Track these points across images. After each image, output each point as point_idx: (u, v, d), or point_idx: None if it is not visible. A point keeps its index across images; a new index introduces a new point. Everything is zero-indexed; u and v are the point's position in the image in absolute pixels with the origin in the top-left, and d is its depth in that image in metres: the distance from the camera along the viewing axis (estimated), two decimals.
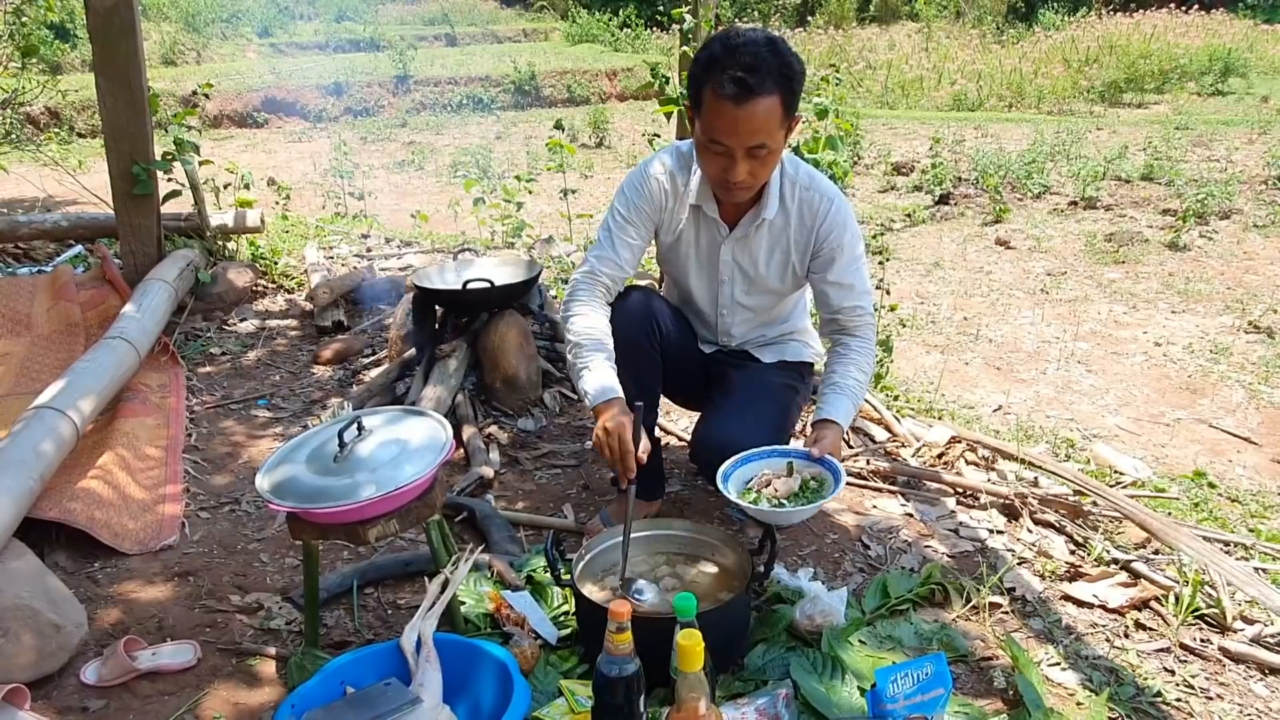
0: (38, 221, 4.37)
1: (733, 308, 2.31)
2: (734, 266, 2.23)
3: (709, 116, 1.91)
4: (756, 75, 1.83)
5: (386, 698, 1.58)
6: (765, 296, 2.28)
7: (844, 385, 2.11)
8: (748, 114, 1.85)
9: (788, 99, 1.89)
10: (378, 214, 6.12)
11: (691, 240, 2.24)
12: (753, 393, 2.25)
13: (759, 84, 1.83)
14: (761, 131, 1.88)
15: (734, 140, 1.90)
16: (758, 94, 1.84)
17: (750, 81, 1.83)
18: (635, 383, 2.25)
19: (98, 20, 3.45)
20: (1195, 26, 13.77)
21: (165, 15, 14.15)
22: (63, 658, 1.86)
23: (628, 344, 2.20)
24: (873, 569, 2.21)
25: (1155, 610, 2.04)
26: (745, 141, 1.89)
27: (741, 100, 1.84)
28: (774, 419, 2.23)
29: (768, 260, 2.20)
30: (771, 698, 1.67)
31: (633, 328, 2.21)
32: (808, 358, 2.43)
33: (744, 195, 2.05)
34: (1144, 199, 6.72)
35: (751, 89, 1.83)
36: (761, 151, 1.92)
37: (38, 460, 2.19)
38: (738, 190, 2.01)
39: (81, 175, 5.54)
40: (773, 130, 1.89)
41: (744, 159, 1.92)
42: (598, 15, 16.74)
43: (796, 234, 2.15)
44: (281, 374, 3.42)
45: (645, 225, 2.21)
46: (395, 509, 1.73)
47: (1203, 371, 3.88)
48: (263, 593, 2.15)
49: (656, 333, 2.22)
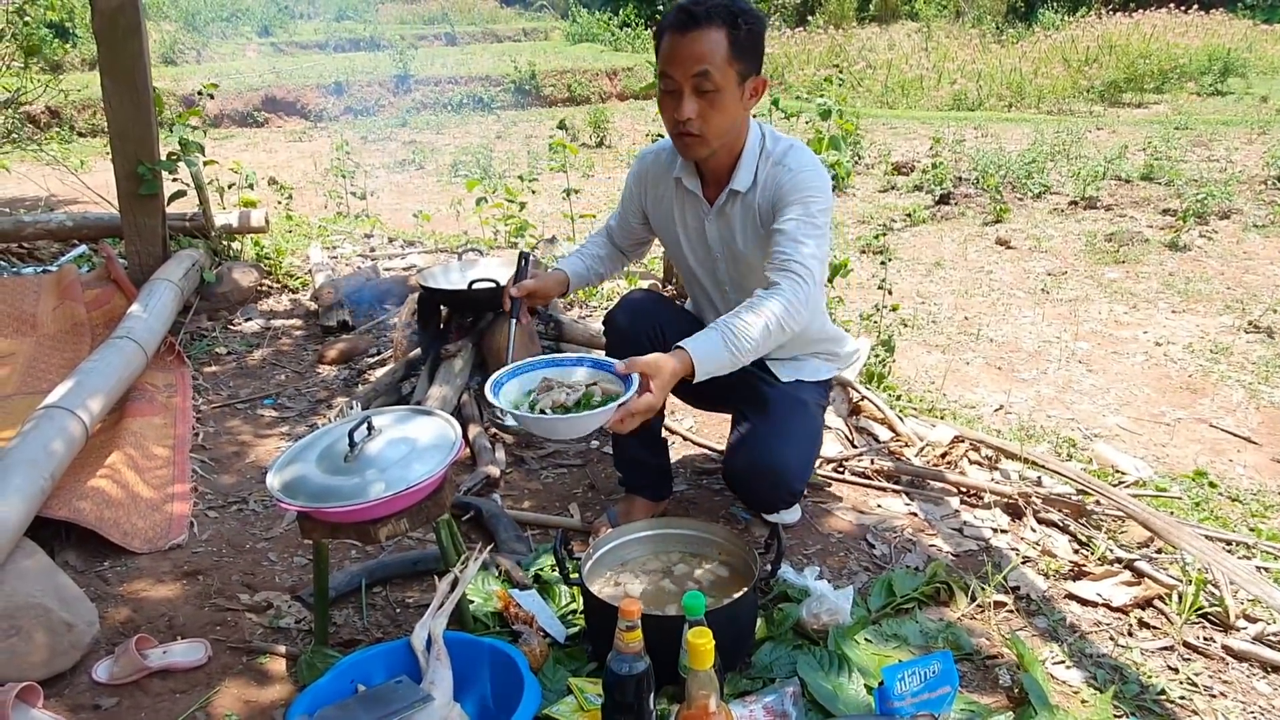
0: (42, 221, 4.38)
1: (733, 288, 2.26)
2: (720, 241, 2.21)
3: (662, 58, 1.96)
4: (701, 6, 1.90)
5: (398, 695, 1.59)
6: (756, 274, 2.17)
7: (721, 324, 1.89)
8: (690, 41, 1.90)
9: (735, 36, 1.91)
10: (379, 213, 6.13)
11: (679, 218, 2.25)
12: (783, 410, 2.21)
13: (703, 15, 1.90)
14: (703, 59, 1.90)
15: (677, 70, 1.93)
16: (701, 23, 1.90)
17: (694, 11, 1.90)
18: None
19: (103, 21, 3.46)
20: (1194, 26, 13.79)
21: (165, 14, 14.16)
22: (75, 656, 1.87)
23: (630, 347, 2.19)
24: (878, 568, 2.23)
25: (1158, 609, 2.06)
26: (689, 69, 1.91)
27: (684, 28, 1.91)
28: (810, 436, 2.24)
29: (744, 235, 2.16)
30: (779, 695, 1.68)
31: (634, 330, 2.24)
32: (825, 375, 2.37)
33: (699, 146, 2.01)
34: (1144, 199, 6.74)
35: (695, 17, 1.90)
36: (707, 85, 1.92)
37: (48, 459, 2.20)
38: (690, 136, 1.99)
39: (83, 174, 5.55)
40: (717, 62, 1.90)
41: (691, 96, 1.93)
42: (598, 14, 16.75)
43: (762, 208, 2.11)
44: (287, 373, 3.43)
45: (634, 206, 2.33)
46: (405, 508, 1.74)
47: (1203, 371, 3.90)
48: (272, 591, 2.16)
49: (659, 336, 2.23)
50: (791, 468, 2.14)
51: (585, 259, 2.39)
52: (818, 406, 2.33)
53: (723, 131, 2.01)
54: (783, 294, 1.90)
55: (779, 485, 2.17)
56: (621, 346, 2.24)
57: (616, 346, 2.27)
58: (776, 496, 2.23)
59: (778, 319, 1.88)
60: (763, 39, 2.00)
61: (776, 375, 2.33)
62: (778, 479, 2.14)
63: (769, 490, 2.18)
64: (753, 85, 1.99)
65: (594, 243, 2.44)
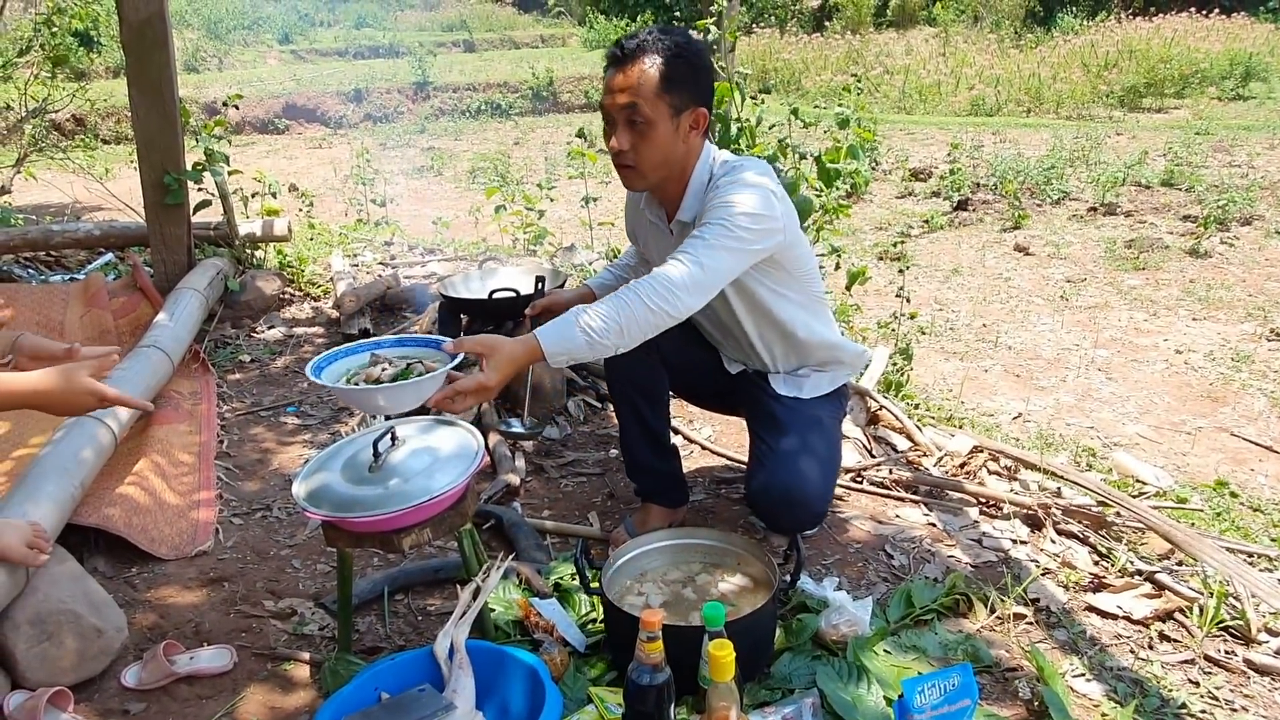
0: (70, 230, 4.44)
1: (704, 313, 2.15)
2: None
3: (602, 95, 2.02)
4: (633, 41, 1.95)
5: (421, 704, 1.61)
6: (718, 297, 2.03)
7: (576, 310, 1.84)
8: (622, 74, 1.94)
9: (670, 72, 1.92)
10: (399, 220, 6.18)
11: (654, 246, 2.28)
12: (799, 431, 2.17)
13: (634, 49, 1.94)
14: (632, 92, 1.92)
15: (610, 102, 1.97)
16: (632, 57, 1.93)
17: (626, 45, 1.95)
18: (638, 392, 2.31)
19: (131, 33, 3.51)
20: (1216, 30, 13.68)
21: (188, 22, 14.33)
22: (104, 661, 1.90)
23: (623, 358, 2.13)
24: (896, 578, 2.23)
25: (1179, 622, 2.05)
26: (619, 101, 1.94)
27: (617, 63, 1.95)
28: (828, 455, 2.20)
29: None
30: (798, 706, 1.69)
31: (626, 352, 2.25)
32: (827, 388, 2.29)
33: (635, 179, 2.04)
34: (1164, 205, 6.69)
35: (626, 51, 1.94)
36: (637, 118, 1.93)
37: (79, 467, 2.24)
38: (627, 172, 2.03)
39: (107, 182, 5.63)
40: (647, 95, 1.92)
41: (623, 127, 1.96)
42: (615, 21, 16.81)
43: None
44: (309, 381, 3.46)
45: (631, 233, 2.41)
46: (429, 518, 1.76)
47: (1224, 379, 3.87)
48: (295, 598, 2.19)
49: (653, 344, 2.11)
50: (811, 492, 2.11)
51: (616, 271, 2.45)
52: (833, 420, 2.30)
53: (656, 164, 2.00)
54: (652, 279, 1.85)
55: (801, 510, 2.14)
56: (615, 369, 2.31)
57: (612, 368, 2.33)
58: (800, 521, 2.19)
59: (641, 302, 1.82)
60: (702, 70, 1.99)
61: (776, 390, 2.27)
62: (799, 504, 2.11)
63: (792, 516, 2.14)
64: (691, 118, 1.99)
65: (626, 254, 2.50)
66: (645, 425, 2.34)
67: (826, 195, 3.47)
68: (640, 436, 2.35)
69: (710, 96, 2.04)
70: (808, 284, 2.20)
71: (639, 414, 2.32)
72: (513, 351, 1.80)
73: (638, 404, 2.31)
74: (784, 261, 2.09)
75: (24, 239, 4.32)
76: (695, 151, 2.06)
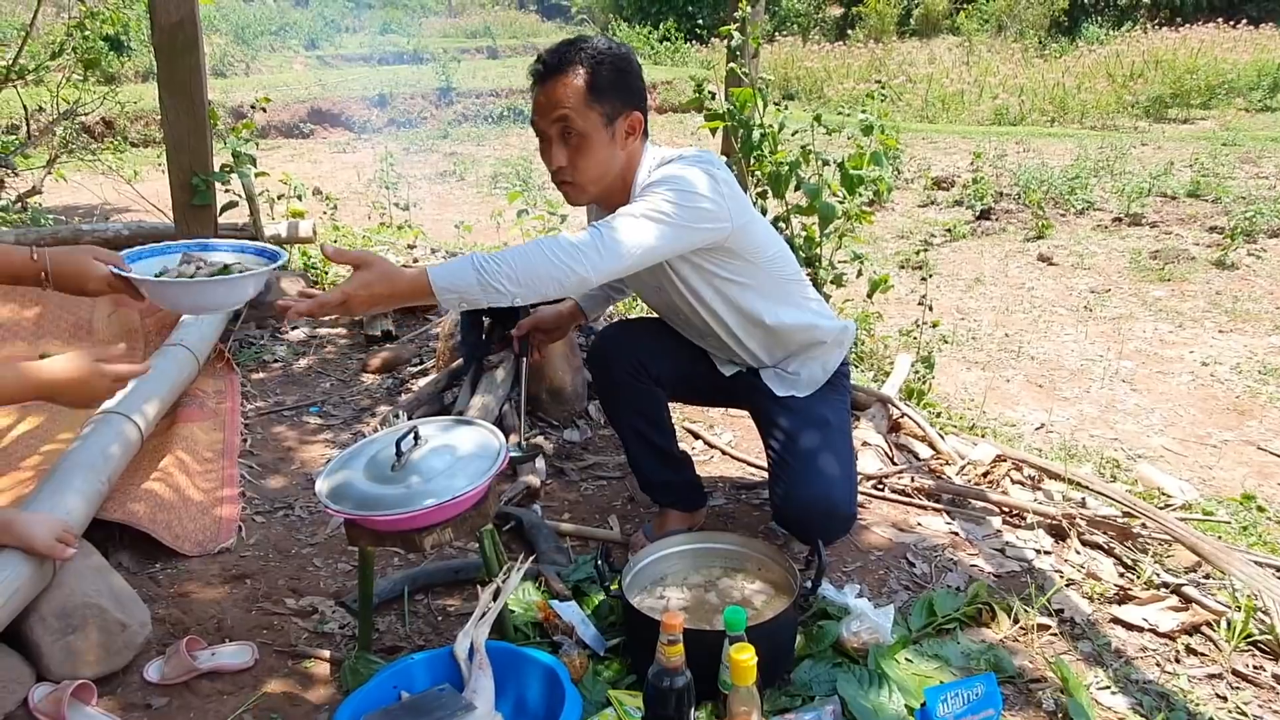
0: (99, 230, 4.50)
1: (672, 311, 2.20)
2: (637, 277, 2.06)
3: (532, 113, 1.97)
4: (555, 55, 1.91)
5: (441, 704, 1.62)
6: (673, 290, 2.09)
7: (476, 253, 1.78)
8: (548, 90, 1.90)
9: (595, 79, 1.88)
10: (422, 224, 6.21)
11: None
12: (810, 438, 2.15)
13: (555, 63, 1.90)
14: (561, 104, 1.88)
15: (541, 119, 1.93)
16: (555, 71, 1.89)
17: (548, 60, 1.91)
18: (639, 416, 2.30)
19: (163, 36, 3.56)
20: (1244, 41, 13.54)
21: (216, 28, 14.51)
22: (128, 655, 1.92)
23: (615, 384, 2.25)
24: (919, 587, 2.22)
25: (1206, 635, 2.02)
26: (550, 116, 1.90)
27: (542, 79, 1.91)
28: (844, 457, 2.18)
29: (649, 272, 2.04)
30: (819, 713, 1.68)
31: (614, 367, 2.25)
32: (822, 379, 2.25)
33: (577, 194, 1.99)
34: (1190, 216, 6.63)
35: (549, 66, 1.90)
36: (570, 132, 1.90)
37: (106, 463, 2.26)
38: (566, 185, 1.98)
39: (136, 184, 5.70)
40: (576, 107, 1.88)
41: (558, 143, 1.92)
42: (638, 28, 16.87)
43: None
44: (332, 381, 3.49)
45: None
46: (450, 518, 1.77)
47: (1251, 392, 3.82)
48: (316, 596, 2.20)
49: (642, 368, 2.21)
50: (838, 499, 2.09)
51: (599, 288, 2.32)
52: (840, 417, 2.25)
53: (596, 176, 1.95)
54: (561, 237, 1.80)
55: (831, 520, 2.12)
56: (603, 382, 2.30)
57: (598, 383, 2.33)
58: (832, 530, 2.16)
59: (544, 254, 1.74)
60: (631, 75, 1.94)
61: (774, 391, 2.23)
62: (827, 515, 2.10)
63: (823, 527, 2.10)
64: (626, 124, 1.95)
65: None
66: (651, 445, 2.33)
67: (849, 202, 3.46)
68: (649, 455, 2.35)
69: (643, 99, 1.98)
70: (772, 269, 2.11)
71: (643, 436, 2.32)
72: (391, 274, 1.66)
73: (640, 428, 2.30)
74: (738, 249, 2.02)
75: (54, 238, 4.38)
76: (635, 156, 2.00)
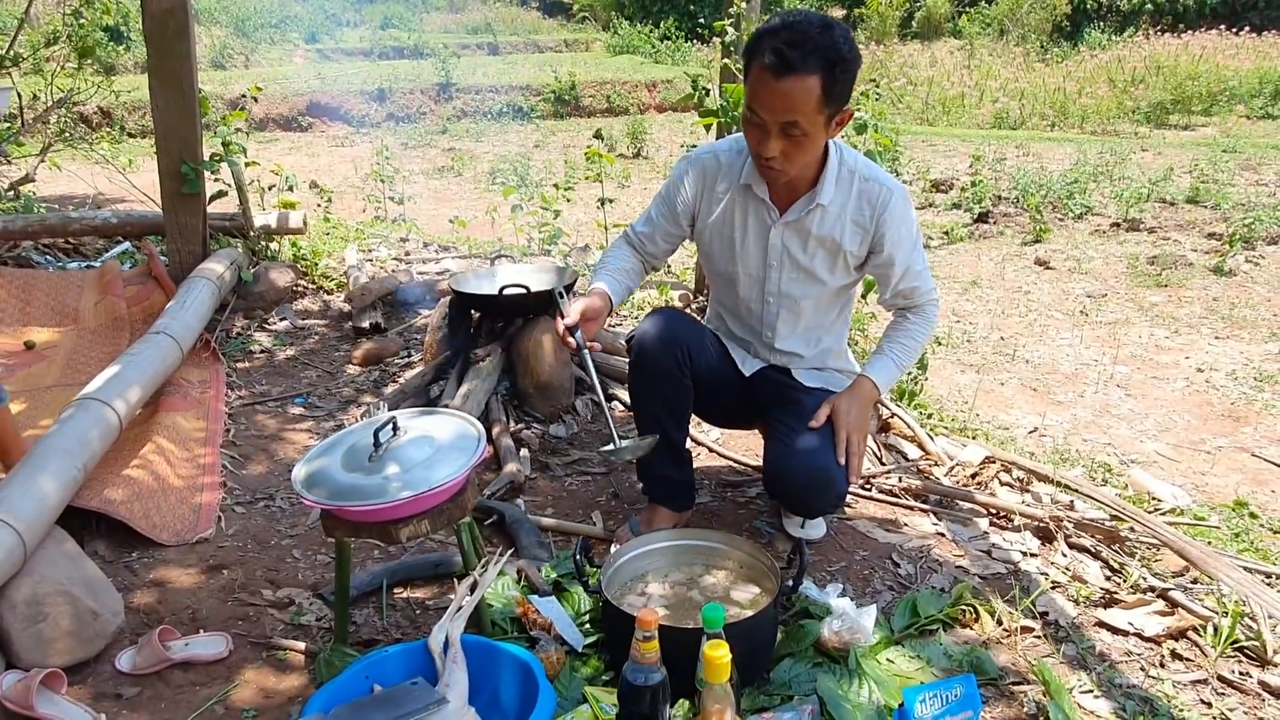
0: (88, 218, 4.47)
1: (779, 298, 2.25)
2: (783, 251, 2.18)
3: (751, 85, 1.91)
4: (798, 51, 1.81)
5: (413, 697, 1.59)
6: (812, 286, 2.21)
7: (886, 348, 2.25)
8: (784, 89, 1.84)
9: (829, 84, 1.85)
10: (417, 218, 6.19)
11: (740, 223, 2.20)
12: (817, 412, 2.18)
13: (799, 60, 1.82)
14: (795, 109, 1.86)
15: (768, 114, 1.89)
16: (796, 70, 1.82)
17: (789, 56, 1.82)
18: (665, 407, 2.27)
19: (153, 23, 3.53)
20: (1245, 48, 13.54)
21: (216, 20, 14.48)
22: (99, 644, 1.89)
23: (656, 371, 2.21)
24: (903, 587, 2.19)
25: (1192, 640, 2.00)
26: (779, 117, 1.88)
27: (779, 73, 1.83)
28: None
29: (819, 247, 2.16)
30: (797, 713, 1.65)
31: (661, 354, 2.20)
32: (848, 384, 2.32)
33: (780, 177, 2.03)
34: (1189, 222, 6.61)
35: (790, 64, 1.82)
36: (795, 131, 1.89)
37: (82, 449, 2.23)
38: (772, 170, 1.99)
39: (131, 174, 5.67)
40: (808, 111, 1.86)
41: (777, 136, 1.91)
42: (639, 27, 16.84)
43: (853, 223, 2.12)
44: (318, 373, 3.47)
45: (688, 209, 2.26)
46: (427, 509, 1.74)
47: (1246, 399, 3.80)
48: (294, 588, 2.18)
49: (687, 360, 2.21)
50: (835, 469, 2.10)
51: (616, 275, 2.26)
52: None
53: (804, 164, 2.02)
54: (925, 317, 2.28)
55: (823, 489, 2.13)
56: (644, 367, 2.23)
57: (638, 367, 2.25)
58: (826, 500, 2.19)
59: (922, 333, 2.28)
60: (856, 71, 1.92)
61: (803, 382, 2.32)
62: (826, 481, 2.10)
63: (819, 494, 2.13)
64: (839, 119, 1.95)
65: (618, 257, 2.33)
66: (668, 438, 2.28)
67: None
68: (664, 449, 2.30)
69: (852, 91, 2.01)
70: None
71: (663, 429, 2.26)
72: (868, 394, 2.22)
73: (663, 418, 2.26)
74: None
75: (43, 225, 4.35)
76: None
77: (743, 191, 2.18)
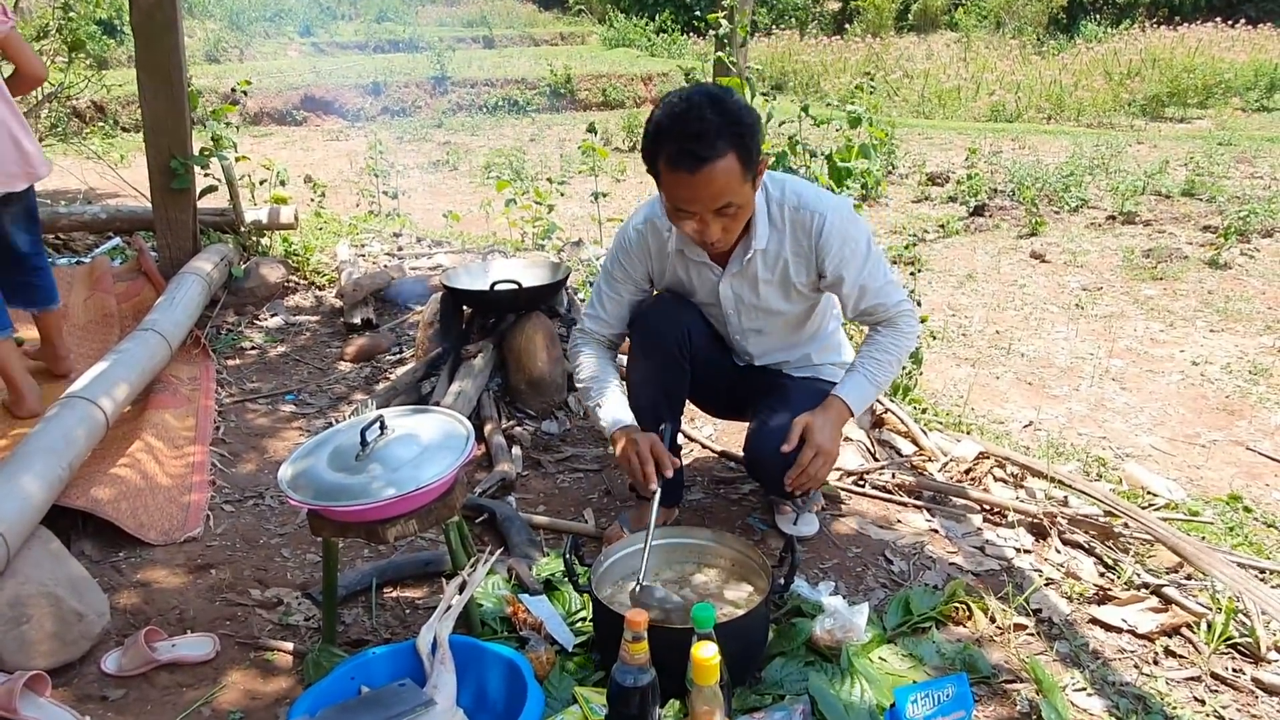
0: (77, 213, 4.45)
1: (744, 334, 2.30)
2: (734, 299, 2.21)
3: (668, 187, 1.90)
4: (704, 141, 1.79)
5: (400, 698, 1.58)
6: (773, 318, 2.25)
7: (859, 364, 2.16)
8: (705, 180, 1.82)
9: (744, 155, 1.84)
10: (411, 213, 6.15)
11: (687, 281, 2.24)
12: (804, 397, 2.20)
13: (707, 150, 1.79)
14: (724, 194, 1.86)
15: (698, 206, 1.89)
16: (710, 159, 1.80)
17: (698, 150, 1.79)
18: (662, 392, 2.26)
19: (141, 16, 3.50)
20: (1241, 41, 13.51)
21: (210, 13, 14.40)
22: (84, 646, 1.87)
23: (658, 353, 2.23)
24: (895, 585, 2.18)
25: (1186, 637, 1.99)
26: (710, 205, 1.88)
27: (695, 169, 1.81)
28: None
29: (768, 286, 2.17)
30: (788, 712, 1.64)
31: (664, 336, 2.21)
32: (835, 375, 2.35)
33: (725, 246, 2.04)
34: (1184, 215, 6.59)
35: (703, 157, 1.80)
36: (729, 210, 1.90)
37: (68, 448, 2.22)
38: (716, 246, 2.02)
39: (122, 169, 5.64)
40: (735, 188, 1.86)
41: (714, 219, 1.91)
42: (634, 20, 16.79)
43: (794, 256, 2.11)
44: (309, 369, 3.44)
45: (637, 277, 2.26)
46: (415, 509, 1.73)
47: (1241, 392, 3.79)
48: (283, 588, 2.16)
49: (687, 343, 2.22)
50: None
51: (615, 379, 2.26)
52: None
53: (741, 228, 2.02)
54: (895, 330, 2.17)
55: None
56: (647, 347, 2.25)
57: (640, 346, 2.27)
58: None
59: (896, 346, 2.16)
60: (759, 125, 1.92)
61: (791, 374, 2.36)
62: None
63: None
64: (758, 172, 1.94)
65: (595, 364, 2.26)
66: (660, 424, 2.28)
67: (838, 195, 3.42)
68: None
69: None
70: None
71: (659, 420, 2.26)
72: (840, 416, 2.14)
73: (660, 410, 2.25)
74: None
75: None
76: None
77: (679, 257, 2.20)
